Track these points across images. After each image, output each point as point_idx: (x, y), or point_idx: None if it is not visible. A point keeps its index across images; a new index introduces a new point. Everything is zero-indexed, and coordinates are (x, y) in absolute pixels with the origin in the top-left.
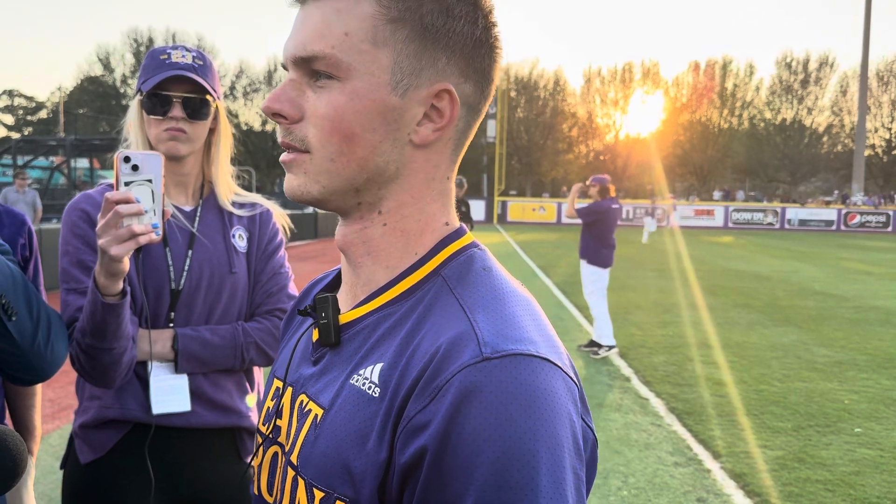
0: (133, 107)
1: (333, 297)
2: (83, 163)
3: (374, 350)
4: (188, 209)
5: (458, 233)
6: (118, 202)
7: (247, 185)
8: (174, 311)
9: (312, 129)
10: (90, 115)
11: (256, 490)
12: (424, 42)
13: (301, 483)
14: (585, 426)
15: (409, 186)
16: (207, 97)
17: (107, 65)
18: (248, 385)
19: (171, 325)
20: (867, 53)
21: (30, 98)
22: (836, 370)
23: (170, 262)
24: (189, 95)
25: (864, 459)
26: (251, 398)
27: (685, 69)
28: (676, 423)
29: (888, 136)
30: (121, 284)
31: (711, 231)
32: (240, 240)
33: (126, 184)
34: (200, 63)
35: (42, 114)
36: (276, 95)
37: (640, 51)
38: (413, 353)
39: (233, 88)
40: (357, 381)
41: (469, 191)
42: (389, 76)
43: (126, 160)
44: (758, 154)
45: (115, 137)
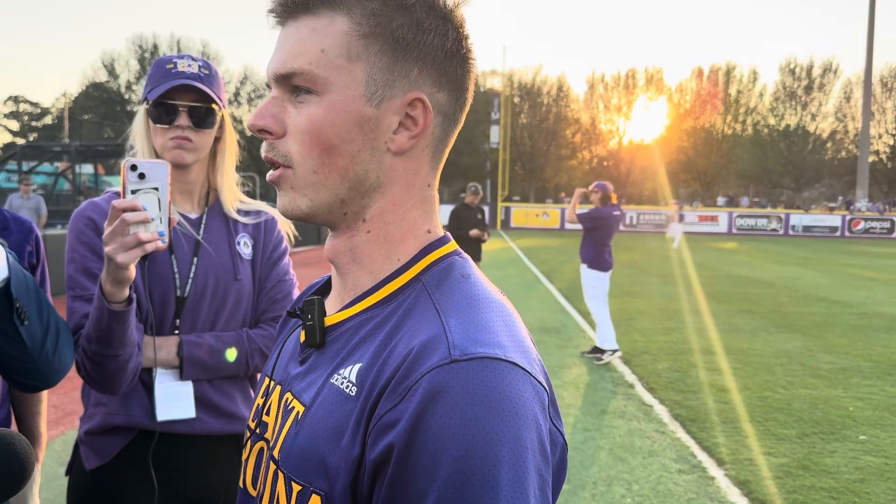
0: (139, 115)
1: (320, 300)
2: (88, 168)
3: (355, 351)
4: (194, 217)
5: (442, 241)
6: (125, 210)
7: (250, 192)
8: (179, 318)
9: (294, 145)
10: (95, 121)
11: (242, 484)
12: (396, 55)
13: (281, 477)
14: (555, 430)
15: (391, 194)
16: (213, 106)
17: (111, 71)
18: (253, 392)
19: (177, 332)
20: (871, 59)
21: (35, 104)
22: (841, 377)
23: (175, 270)
24: (195, 104)
25: (869, 467)
26: None
27: (689, 75)
28: (680, 430)
29: (892, 143)
30: (127, 291)
31: (715, 237)
32: (245, 247)
33: (133, 192)
34: (206, 72)
35: (47, 120)
36: (261, 112)
37: (644, 57)
38: (389, 355)
39: (237, 94)
40: (337, 381)
41: None
42: (364, 88)
43: (133, 168)
44: (761, 160)
45: (120, 143)
